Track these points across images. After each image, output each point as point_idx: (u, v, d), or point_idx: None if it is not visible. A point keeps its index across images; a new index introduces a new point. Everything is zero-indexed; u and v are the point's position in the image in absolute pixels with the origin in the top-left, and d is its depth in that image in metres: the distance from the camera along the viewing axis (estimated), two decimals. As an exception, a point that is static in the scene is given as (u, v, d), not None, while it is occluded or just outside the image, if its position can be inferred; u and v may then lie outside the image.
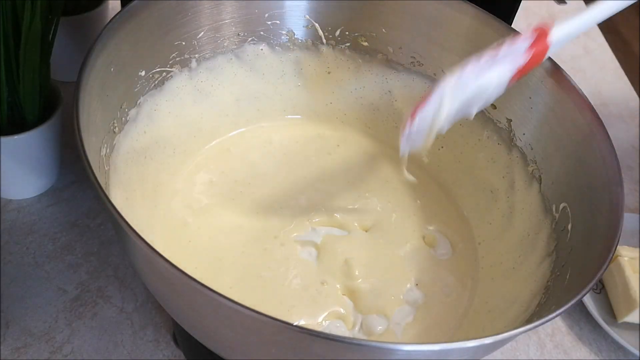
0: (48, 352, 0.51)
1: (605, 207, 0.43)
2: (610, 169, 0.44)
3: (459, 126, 0.56)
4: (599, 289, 0.63)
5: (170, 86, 0.52)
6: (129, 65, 0.47)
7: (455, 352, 0.34)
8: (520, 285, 0.47)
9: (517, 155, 0.53)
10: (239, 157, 0.55)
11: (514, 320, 0.44)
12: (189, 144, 0.54)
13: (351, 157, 0.57)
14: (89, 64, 0.40)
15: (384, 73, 0.58)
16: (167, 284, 0.36)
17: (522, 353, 0.58)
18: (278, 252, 0.49)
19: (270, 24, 0.56)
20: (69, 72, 0.57)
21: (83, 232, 0.58)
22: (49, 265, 0.56)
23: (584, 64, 0.92)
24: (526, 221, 0.51)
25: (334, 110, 0.59)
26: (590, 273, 0.38)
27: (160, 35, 0.50)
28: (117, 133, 0.47)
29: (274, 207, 0.52)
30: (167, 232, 0.49)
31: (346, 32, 0.57)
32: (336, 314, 0.47)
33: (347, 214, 0.52)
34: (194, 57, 0.53)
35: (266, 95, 0.58)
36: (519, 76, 0.44)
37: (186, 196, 0.52)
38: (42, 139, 0.56)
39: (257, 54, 0.56)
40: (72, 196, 0.61)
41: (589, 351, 0.59)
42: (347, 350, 0.33)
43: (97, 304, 0.54)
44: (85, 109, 0.39)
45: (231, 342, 0.38)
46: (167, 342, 0.53)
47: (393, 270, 0.50)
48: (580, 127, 0.47)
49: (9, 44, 0.50)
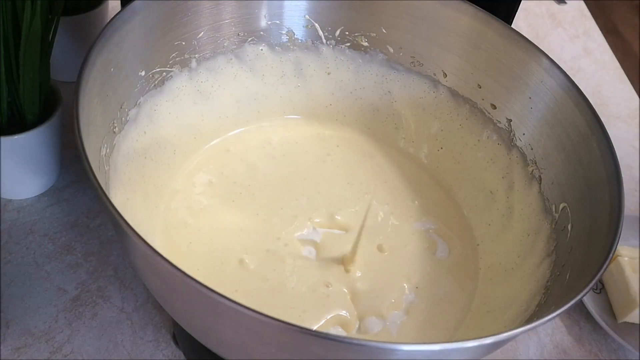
0: (48, 352, 0.51)
1: (605, 207, 0.43)
2: (610, 169, 0.44)
3: (459, 127, 0.57)
4: (599, 289, 0.63)
5: (170, 86, 0.52)
6: (129, 65, 0.47)
7: (455, 352, 0.34)
8: (520, 285, 0.47)
9: (517, 155, 0.53)
10: (239, 158, 0.55)
11: (513, 321, 0.44)
12: (189, 145, 0.54)
13: (350, 157, 0.57)
14: (89, 64, 0.40)
15: (384, 73, 0.58)
16: (167, 284, 0.36)
17: (522, 353, 0.58)
18: (282, 254, 0.49)
19: (270, 24, 0.56)
20: (69, 72, 0.58)
21: (83, 232, 0.58)
22: (49, 265, 0.56)
23: (584, 64, 0.92)
24: (526, 221, 0.51)
25: (334, 111, 0.59)
26: (590, 273, 0.38)
27: (160, 35, 0.50)
28: (117, 133, 0.47)
29: (274, 208, 0.52)
30: (167, 233, 0.49)
31: (346, 32, 0.57)
32: (339, 316, 0.47)
33: (347, 214, 0.52)
34: (194, 57, 0.53)
35: (266, 97, 0.58)
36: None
37: (186, 197, 0.52)
38: (42, 139, 0.56)
39: (257, 54, 0.56)
40: (72, 196, 0.61)
41: (589, 351, 0.59)
42: (347, 350, 0.33)
43: (97, 304, 0.54)
44: (85, 109, 0.39)
45: (231, 342, 0.38)
46: (167, 342, 0.53)
47: (392, 271, 0.50)
48: (580, 127, 0.47)
49: (9, 44, 0.50)
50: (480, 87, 0.54)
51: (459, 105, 0.56)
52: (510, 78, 0.52)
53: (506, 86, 0.53)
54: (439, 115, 0.57)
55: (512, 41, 0.51)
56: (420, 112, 0.58)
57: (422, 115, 0.58)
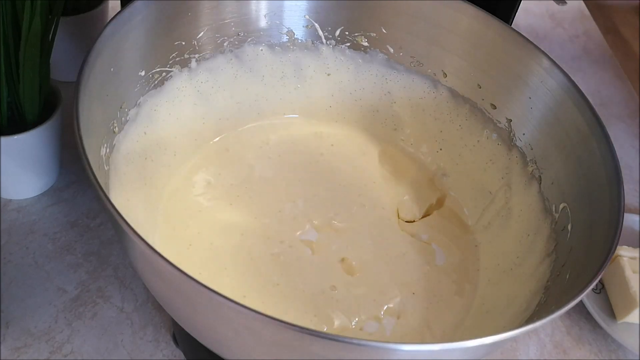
0: (48, 352, 0.51)
1: (605, 207, 0.43)
2: (610, 169, 0.44)
3: (459, 127, 0.57)
4: (599, 289, 0.63)
5: (170, 87, 0.52)
6: (129, 65, 0.47)
7: (455, 352, 0.34)
8: (520, 285, 0.47)
9: (517, 155, 0.53)
10: (237, 158, 0.55)
11: (513, 321, 0.44)
12: (189, 146, 0.54)
13: (350, 158, 0.57)
14: (89, 64, 0.40)
15: (384, 73, 0.58)
16: (167, 284, 0.36)
17: (522, 353, 0.58)
18: (287, 256, 0.49)
19: (270, 24, 0.56)
20: (69, 72, 0.58)
21: (83, 232, 0.58)
22: (49, 265, 0.56)
23: (584, 64, 0.92)
24: (525, 222, 0.51)
25: (334, 113, 0.59)
26: (590, 273, 0.38)
27: (160, 35, 0.50)
28: (117, 133, 0.47)
29: (273, 210, 0.52)
30: (168, 234, 0.49)
31: (346, 32, 0.57)
32: (343, 319, 0.47)
33: (345, 215, 0.52)
34: (194, 57, 0.53)
35: (266, 99, 0.58)
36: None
37: (186, 198, 0.52)
38: (42, 139, 0.56)
39: (257, 54, 0.56)
40: (72, 196, 0.61)
41: (589, 351, 0.59)
42: (347, 350, 0.33)
43: (97, 304, 0.54)
44: (85, 109, 0.39)
45: (231, 342, 0.38)
46: (167, 342, 0.53)
47: (390, 273, 0.50)
48: (580, 127, 0.47)
49: (9, 44, 0.50)
50: (480, 87, 0.54)
51: (458, 105, 0.56)
52: (510, 78, 0.52)
53: (506, 86, 0.53)
54: (439, 116, 0.57)
55: (512, 41, 0.51)
56: (420, 113, 0.58)
57: (422, 117, 0.58)
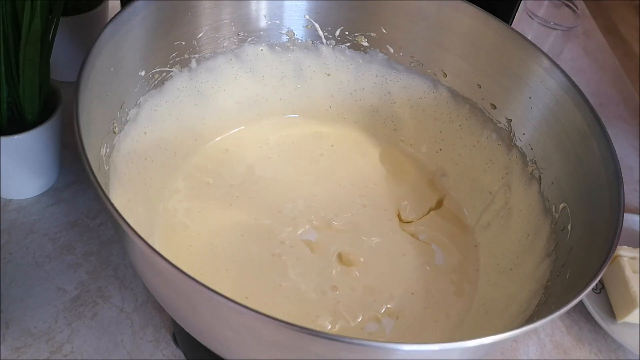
0: (48, 352, 0.51)
1: (605, 207, 0.43)
2: (610, 169, 0.44)
3: (459, 127, 0.57)
4: (599, 289, 0.63)
5: (170, 87, 0.52)
6: (129, 65, 0.47)
7: (455, 352, 0.34)
8: (520, 285, 0.47)
9: (517, 155, 0.53)
10: (236, 159, 0.55)
11: (513, 321, 0.44)
12: (189, 146, 0.54)
13: (350, 158, 0.57)
14: (89, 64, 0.40)
15: (384, 73, 0.58)
16: (167, 284, 0.36)
17: (522, 353, 0.58)
18: (287, 257, 0.49)
19: (270, 24, 0.56)
20: (69, 72, 0.58)
21: (83, 232, 0.58)
22: (49, 265, 0.56)
23: (584, 64, 0.92)
24: (525, 222, 0.51)
25: (334, 113, 0.59)
26: (590, 273, 0.38)
27: (160, 35, 0.50)
28: (117, 133, 0.47)
29: (273, 211, 0.52)
30: (167, 235, 0.49)
31: (346, 32, 0.57)
32: (344, 320, 0.47)
33: (345, 215, 0.52)
34: (194, 57, 0.53)
35: (266, 99, 0.58)
36: None
37: (185, 199, 0.52)
38: (42, 139, 0.56)
39: (257, 55, 0.56)
40: (72, 196, 0.61)
41: (589, 351, 0.59)
42: (347, 350, 0.33)
43: (97, 304, 0.54)
44: (85, 109, 0.39)
45: (231, 342, 0.38)
46: (167, 342, 0.53)
47: (391, 271, 0.50)
48: (580, 127, 0.47)
49: (9, 44, 0.50)
50: (480, 87, 0.54)
51: (458, 105, 0.56)
52: (510, 78, 0.52)
53: (506, 86, 0.53)
54: (439, 117, 0.57)
55: (512, 41, 0.51)
56: (420, 114, 0.58)
57: (422, 117, 0.58)
